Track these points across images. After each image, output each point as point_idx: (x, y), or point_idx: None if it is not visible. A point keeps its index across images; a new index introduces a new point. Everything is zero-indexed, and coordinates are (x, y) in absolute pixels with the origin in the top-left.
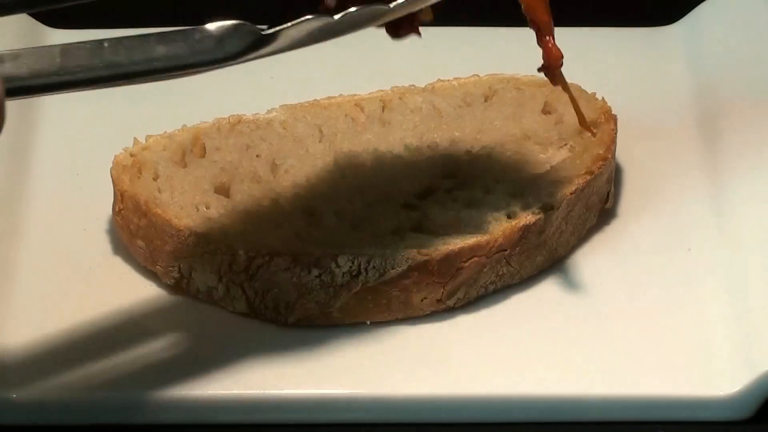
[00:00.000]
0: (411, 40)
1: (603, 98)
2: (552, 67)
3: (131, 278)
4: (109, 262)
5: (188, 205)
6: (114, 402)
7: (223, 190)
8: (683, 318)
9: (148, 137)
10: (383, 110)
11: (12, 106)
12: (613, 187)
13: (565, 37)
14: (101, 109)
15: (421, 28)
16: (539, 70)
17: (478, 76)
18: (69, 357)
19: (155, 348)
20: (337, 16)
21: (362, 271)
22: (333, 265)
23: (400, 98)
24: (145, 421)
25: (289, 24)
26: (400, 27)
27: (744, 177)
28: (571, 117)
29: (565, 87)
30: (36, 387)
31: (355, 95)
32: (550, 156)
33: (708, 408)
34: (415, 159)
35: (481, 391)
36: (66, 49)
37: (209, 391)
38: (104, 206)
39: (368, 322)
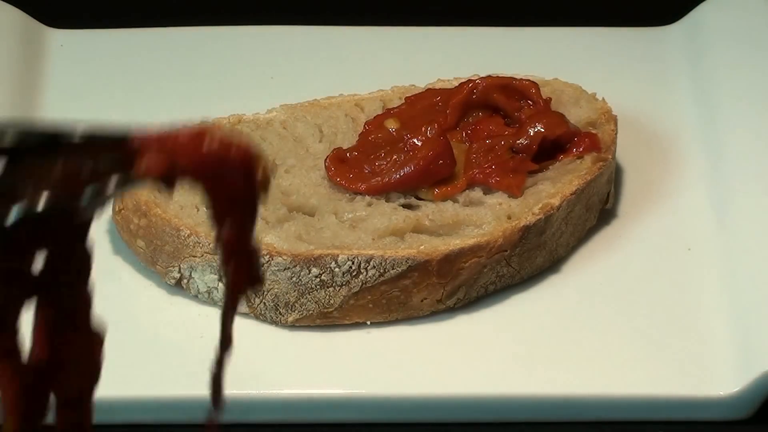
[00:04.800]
0: (411, 40)
1: (603, 98)
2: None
3: (131, 278)
4: (109, 262)
5: (188, 205)
6: (113, 402)
7: None
8: (683, 318)
9: None
10: (383, 110)
11: (11, 105)
12: (613, 188)
13: (565, 36)
14: (101, 109)
15: (420, 28)
16: None
17: (477, 76)
18: None
19: (155, 348)
20: None
21: (362, 271)
22: (333, 265)
23: (400, 98)
24: (145, 421)
25: None
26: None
27: (744, 177)
28: (571, 117)
29: None
30: None
31: (355, 95)
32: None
33: (708, 408)
34: None
35: (480, 391)
36: None
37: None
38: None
39: (368, 322)
